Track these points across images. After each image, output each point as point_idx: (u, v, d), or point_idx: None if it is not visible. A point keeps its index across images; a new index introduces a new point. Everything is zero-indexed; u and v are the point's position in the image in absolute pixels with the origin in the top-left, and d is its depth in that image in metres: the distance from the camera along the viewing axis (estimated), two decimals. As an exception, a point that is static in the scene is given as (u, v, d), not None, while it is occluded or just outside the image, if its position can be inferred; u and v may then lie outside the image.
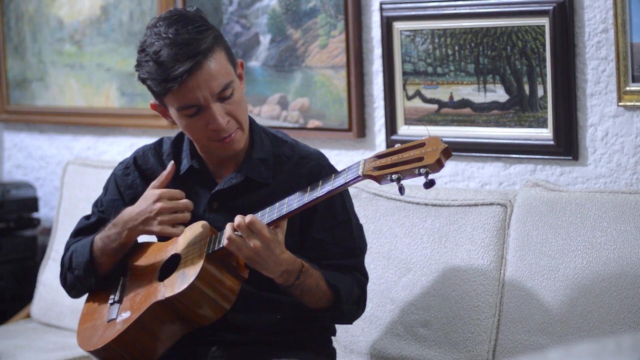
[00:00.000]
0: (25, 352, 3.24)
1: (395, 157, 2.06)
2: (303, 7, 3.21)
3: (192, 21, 2.29)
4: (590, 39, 2.68)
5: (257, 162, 2.37)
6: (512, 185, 2.85)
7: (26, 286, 3.77)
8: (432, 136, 2.05)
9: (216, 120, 2.27)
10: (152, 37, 2.28)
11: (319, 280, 2.30)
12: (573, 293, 2.48)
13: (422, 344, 2.67)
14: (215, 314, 2.28)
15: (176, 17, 2.29)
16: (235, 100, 2.30)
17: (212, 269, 2.26)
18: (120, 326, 2.32)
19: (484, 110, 2.86)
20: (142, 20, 3.62)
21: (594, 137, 2.71)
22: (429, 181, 2.01)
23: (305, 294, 2.29)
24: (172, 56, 2.23)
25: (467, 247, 2.66)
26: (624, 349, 1.19)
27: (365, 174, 2.09)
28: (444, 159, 2.01)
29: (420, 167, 2.01)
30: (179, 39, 2.24)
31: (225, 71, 2.28)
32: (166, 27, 2.27)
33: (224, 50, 2.30)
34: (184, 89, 2.25)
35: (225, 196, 2.38)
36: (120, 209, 2.45)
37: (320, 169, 2.38)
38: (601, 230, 2.47)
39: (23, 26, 3.99)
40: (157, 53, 2.25)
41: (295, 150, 2.43)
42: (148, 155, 2.49)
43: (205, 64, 2.25)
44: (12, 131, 4.15)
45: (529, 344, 2.52)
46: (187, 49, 2.23)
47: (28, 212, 3.87)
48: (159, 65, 2.24)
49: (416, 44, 2.95)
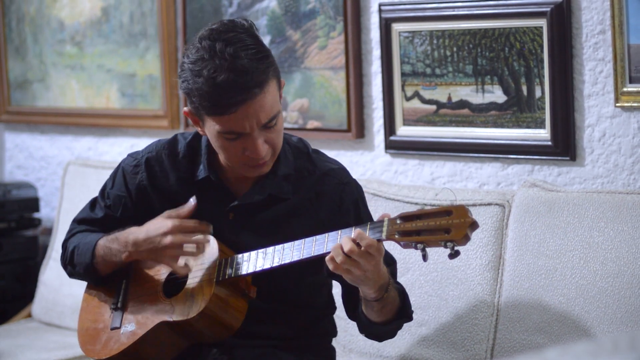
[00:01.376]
0: (26, 351, 3.24)
1: (421, 224, 2.02)
2: (302, 9, 3.21)
3: (251, 42, 2.17)
4: (587, 40, 2.69)
5: (280, 178, 2.31)
6: (510, 186, 2.85)
7: (27, 286, 3.77)
8: (460, 205, 2.01)
9: (257, 149, 2.18)
10: (206, 52, 2.15)
11: (396, 290, 2.25)
12: (570, 293, 2.48)
13: (420, 344, 2.67)
14: (223, 335, 2.28)
15: (233, 34, 2.17)
16: (277, 129, 2.22)
17: (221, 293, 2.23)
18: (125, 339, 2.31)
19: (482, 111, 2.86)
20: (142, 21, 3.63)
21: (591, 138, 2.72)
22: (454, 252, 1.99)
23: (386, 306, 2.23)
24: (230, 84, 2.12)
25: (466, 247, 2.63)
26: (621, 348, 1.19)
27: (389, 237, 2.05)
28: (470, 233, 1.99)
29: (447, 240, 1.98)
30: (238, 64, 2.13)
31: (275, 102, 2.19)
32: (224, 44, 2.15)
33: (276, 79, 2.20)
34: (233, 117, 2.16)
35: (243, 210, 2.32)
36: (127, 209, 2.41)
37: (343, 188, 2.32)
38: (598, 230, 2.47)
39: (24, 27, 3.99)
40: (213, 75, 2.13)
41: (318, 165, 2.35)
42: (162, 156, 2.39)
43: (260, 96, 2.15)
44: (13, 132, 4.16)
45: (526, 343, 2.52)
46: (245, 79, 2.13)
47: (29, 212, 3.87)
48: (213, 88, 2.13)
49: (415, 45, 2.95)
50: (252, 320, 2.32)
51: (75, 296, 3.43)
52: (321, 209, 2.29)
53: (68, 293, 3.49)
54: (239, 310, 2.26)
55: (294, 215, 2.24)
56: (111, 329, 2.36)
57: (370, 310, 2.25)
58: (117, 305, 2.38)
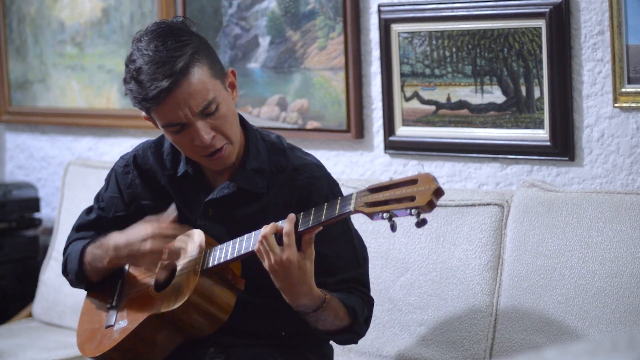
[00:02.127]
0: (27, 350, 3.25)
1: (388, 194, 2.02)
2: (302, 10, 3.22)
3: (173, 35, 2.23)
4: (586, 41, 2.69)
5: (250, 172, 2.33)
6: (509, 186, 2.86)
7: (28, 286, 3.77)
8: (425, 173, 2.01)
9: (200, 136, 2.22)
10: (135, 52, 2.24)
11: (338, 310, 2.25)
12: (569, 292, 2.48)
13: (419, 343, 2.68)
14: (211, 327, 2.28)
15: (159, 31, 2.24)
16: (221, 114, 2.24)
17: (207, 284, 2.25)
18: (117, 335, 2.33)
19: (481, 111, 2.87)
20: (142, 22, 3.64)
21: (590, 138, 2.72)
22: (420, 220, 1.99)
23: (320, 322, 2.25)
24: (150, 75, 2.19)
25: (465, 247, 2.67)
26: (619, 348, 1.18)
27: (357, 209, 2.06)
28: (435, 200, 1.98)
29: (411, 207, 1.98)
30: (157, 56, 2.20)
31: (206, 88, 2.22)
32: (148, 42, 2.22)
33: (206, 65, 2.24)
34: (164, 108, 2.21)
35: (220, 205, 2.35)
36: (119, 209, 2.45)
37: (313, 182, 2.33)
38: (597, 230, 2.48)
39: (25, 28, 4.00)
40: (138, 71, 2.21)
41: (290, 160, 2.37)
42: (148, 154, 2.45)
43: (183, 82, 2.19)
44: (14, 132, 4.17)
45: (525, 343, 2.52)
46: (164, 68, 2.19)
47: (30, 212, 3.88)
48: (139, 84, 2.21)
49: (414, 45, 2.96)
50: (247, 318, 2.33)
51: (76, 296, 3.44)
52: (293, 203, 2.29)
53: (68, 293, 3.50)
54: (226, 301, 2.27)
55: (269, 210, 2.26)
56: (105, 328, 2.38)
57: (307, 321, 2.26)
58: (112, 304, 2.41)
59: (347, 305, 2.27)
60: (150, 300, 2.32)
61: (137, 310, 2.32)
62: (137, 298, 2.36)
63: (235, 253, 2.23)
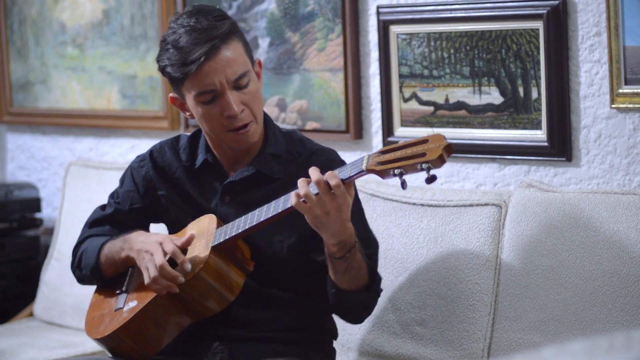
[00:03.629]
0: (28, 349, 3.26)
1: (399, 153, 2.08)
2: (301, 11, 3.23)
3: (212, 12, 2.35)
4: (583, 42, 2.70)
5: (269, 157, 2.40)
6: (507, 186, 2.86)
7: (29, 285, 3.79)
8: (436, 133, 2.07)
9: (231, 107, 2.30)
10: (173, 28, 2.34)
11: (361, 261, 2.30)
12: (566, 292, 2.49)
13: (418, 342, 2.68)
14: (219, 305, 2.30)
15: (197, 9, 2.36)
16: (250, 91, 2.34)
17: (217, 261, 2.28)
18: (126, 315, 2.35)
19: (479, 112, 2.88)
20: (143, 23, 3.65)
21: (587, 139, 2.73)
22: (430, 176, 2.03)
23: (350, 269, 2.28)
24: (191, 41, 2.29)
25: (463, 247, 2.67)
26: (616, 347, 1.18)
27: (369, 169, 2.11)
28: (445, 155, 2.03)
29: (422, 162, 2.03)
30: (198, 25, 2.30)
31: (241, 60, 2.33)
32: (187, 18, 2.33)
33: (241, 42, 2.35)
34: (201, 74, 2.29)
35: (237, 189, 2.40)
36: (135, 201, 2.50)
37: (330, 163, 2.37)
38: (594, 230, 2.48)
39: (26, 30, 4.02)
40: (177, 40, 2.30)
41: (307, 147, 2.46)
42: (165, 149, 2.52)
43: (222, 49, 2.30)
44: (15, 133, 4.18)
45: (523, 342, 2.52)
46: (205, 34, 2.29)
47: (31, 212, 3.89)
48: (178, 50, 2.30)
49: (412, 47, 2.97)
50: (252, 307, 2.36)
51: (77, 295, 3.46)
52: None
53: (69, 292, 3.51)
54: (236, 281, 2.30)
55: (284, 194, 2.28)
56: (114, 310, 2.40)
57: (335, 273, 2.28)
58: (122, 290, 2.43)
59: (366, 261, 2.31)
60: None
61: (147, 290, 2.34)
62: None
63: (247, 225, 2.26)
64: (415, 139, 2.10)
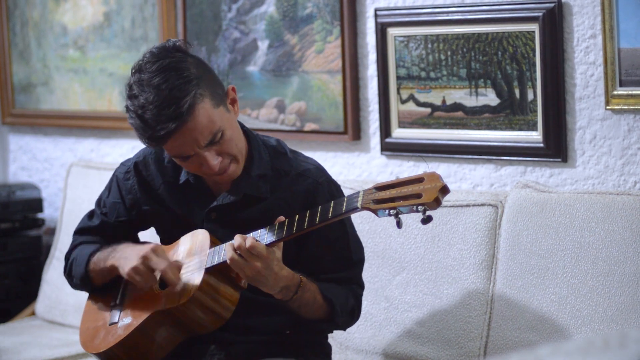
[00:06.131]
0: (30, 348, 3.27)
1: (394, 191, 2.06)
2: (300, 14, 3.23)
3: (174, 69, 2.21)
4: (579, 44, 2.71)
5: (255, 178, 2.35)
6: (503, 187, 2.87)
7: (31, 285, 3.79)
8: (431, 172, 2.06)
9: (208, 164, 2.25)
10: (136, 85, 2.23)
11: (315, 294, 2.31)
12: (562, 291, 2.49)
13: (415, 341, 2.69)
14: (214, 324, 2.31)
15: (159, 64, 2.22)
16: (226, 139, 2.26)
17: (212, 281, 2.28)
18: (122, 331, 2.35)
19: (475, 113, 2.88)
20: (143, 26, 3.66)
21: (582, 140, 2.73)
22: (426, 217, 2.02)
23: (303, 307, 2.30)
24: (156, 116, 2.19)
25: (459, 247, 2.68)
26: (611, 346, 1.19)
27: (363, 206, 2.10)
28: (441, 197, 2.03)
29: (418, 204, 2.02)
30: (161, 96, 2.18)
31: (211, 121, 2.23)
32: (149, 77, 2.21)
33: (208, 97, 2.23)
34: (171, 145, 2.24)
35: (224, 210, 2.38)
36: (121, 214, 2.48)
37: (317, 187, 2.36)
38: (589, 230, 2.49)
39: (28, 32, 4.03)
40: (142, 108, 2.20)
41: (293, 165, 2.39)
42: (149, 161, 2.47)
43: (190, 121, 2.20)
44: (18, 134, 4.19)
45: (519, 341, 2.53)
46: (169, 110, 2.18)
47: (33, 212, 3.90)
48: (144, 123, 2.21)
49: (410, 49, 2.98)
50: (248, 314, 2.36)
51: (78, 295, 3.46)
52: (296, 208, 2.32)
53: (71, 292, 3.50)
54: (230, 299, 2.30)
55: (271, 214, 2.28)
56: (109, 325, 2.40)
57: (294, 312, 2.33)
58: (116, 303, 2.43)
59: (323, 295, 2.32)
60: (154, 297, 2.35)
61: (142, 307, 2.35)
62: (142, 296, 2.38)
63: None
64: (410, 177, 2.08)
